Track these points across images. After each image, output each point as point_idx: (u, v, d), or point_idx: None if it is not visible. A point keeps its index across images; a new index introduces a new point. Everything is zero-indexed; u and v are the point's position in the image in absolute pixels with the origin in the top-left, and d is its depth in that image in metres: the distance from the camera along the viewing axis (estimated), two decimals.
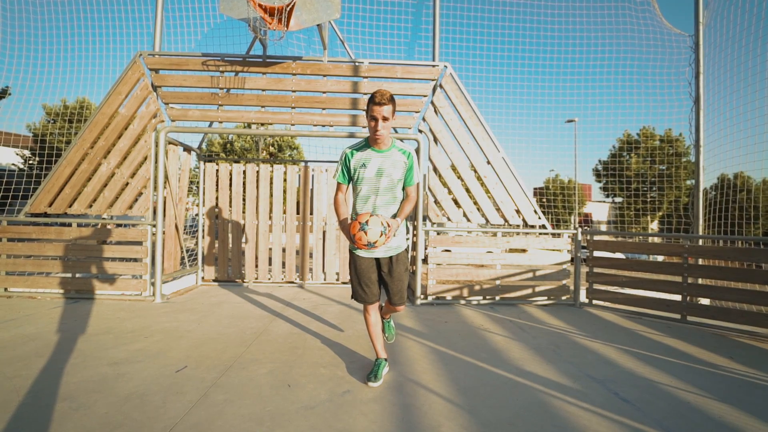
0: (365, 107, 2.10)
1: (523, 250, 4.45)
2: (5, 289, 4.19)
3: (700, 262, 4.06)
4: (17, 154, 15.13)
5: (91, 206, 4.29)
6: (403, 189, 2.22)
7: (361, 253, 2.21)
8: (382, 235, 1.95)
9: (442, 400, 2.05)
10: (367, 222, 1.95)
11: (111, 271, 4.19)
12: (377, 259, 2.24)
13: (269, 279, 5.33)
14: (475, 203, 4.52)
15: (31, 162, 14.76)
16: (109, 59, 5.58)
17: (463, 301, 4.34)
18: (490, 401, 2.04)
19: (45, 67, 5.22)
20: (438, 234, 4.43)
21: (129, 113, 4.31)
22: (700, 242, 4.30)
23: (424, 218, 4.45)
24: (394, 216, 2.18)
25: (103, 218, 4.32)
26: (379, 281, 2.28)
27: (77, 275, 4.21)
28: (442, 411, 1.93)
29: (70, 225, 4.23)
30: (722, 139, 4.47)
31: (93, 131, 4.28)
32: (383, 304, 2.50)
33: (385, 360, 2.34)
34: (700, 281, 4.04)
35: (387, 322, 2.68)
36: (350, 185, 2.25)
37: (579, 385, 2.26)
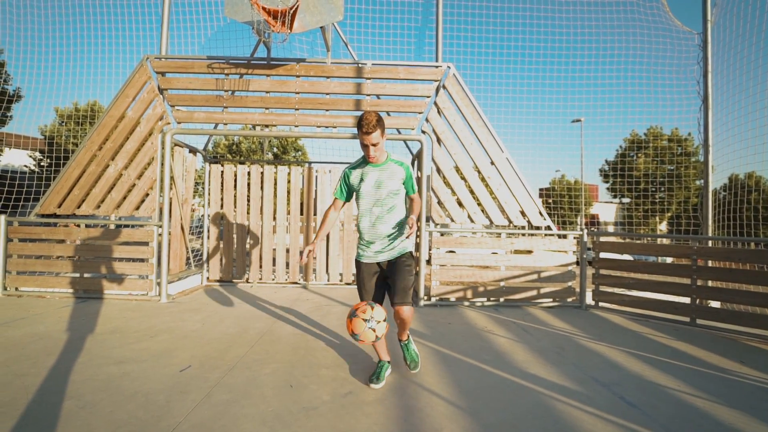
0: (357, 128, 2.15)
1: (528, 252, 4.41)
2: (16, 289, 4.27)
3: (710, 264, 3.99)
4: (29, 156, 15.43)
5: (98, 207, 4.36)
6: (407, 198, 2.32)
7: (365, 259, 2.28)
8: (380, 323, 1.99)
9: (445, 402, 2.03)
10: (372, 317, 1.97)
11: (118, 271, 4.25)
12: (380, 265, 2.28)
13: (273, 279, 5.35)
14: (479, 204, 4.50)
15: (42, 164, 15.04)
16: (119, 62, 5.68)
17: (466, 303, 4.31)
18: (493, 404, 2.02)
19: (56, 69, 5.33)
20: (442, 235, 4.41)
21: (136, 116, 4.37)
22: (710, 243, 4.22)
23: (428, 219, 4.44)
24: (402, 222, 2.26)
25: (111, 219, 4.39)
26: (384, 287, 2.31)
27: (85, 275, 4.27)
28: (444, 413, 1.92)
29: (78, 226, 4.30)
30: (731, 138, 4.40)
31: (101, 134, 4.35)
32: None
33: (388, 362, 2.34)
34: (709, 283, 3.97)
35: (405, 345, 2.38)
36: (346, 203, 2.36)
37: (584, 388, 2.23)
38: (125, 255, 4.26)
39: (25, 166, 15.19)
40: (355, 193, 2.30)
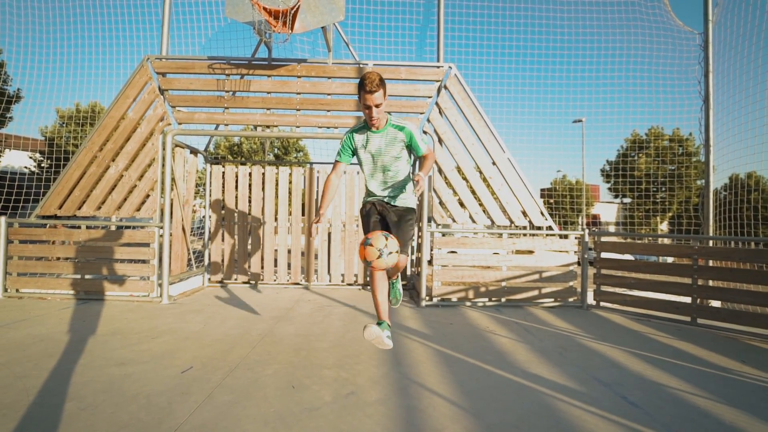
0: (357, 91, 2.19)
1: (530, 252, 4.41)
2: (17, 290, 4.27)
3: (711, 263, 3.98)
4: (30, 158, 15.44)
5: (99, 208, 4.35)
6: (418, 158, 2.38)
7: (371, 199, 2.41)
8: (392, 254, 2.11)
9: (447, 402, 2.03)
10: (386, 246, 2.08)
11: (119, 272, 4.24)
12: (385, 205, 2.38)
13: (275, 280, 5.35)
14: (481, 204, 4.49)
15: (43, 165, 15.04)
16: (119, 63, 5.69)
17: (468, 303, 4.31)
18: (495, 404, 2.02)
19: (56, 70, 5.34)
20: (443, 235, 4.41)
21: (137, 116, 4.37)
22: (711, 243, 4.22)
23: (429, 220, 4.44)
24: (407, 181, 2.36)
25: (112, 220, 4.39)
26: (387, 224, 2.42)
27: (86, 276, 4.27)
28: (446, 413, 1.91)
29: (79, 227, 4.30)
30: (732, 138, 4.40)
31: (101, 134, 4.35)
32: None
33: (388, 324, 2.33)
34: (710, 283, 3.97)
35: (393, 284, 2.68)
36: (347, 165, 2.45)
37: (586, 388, 2.23)
38: (126, 256, 4.25)
39: (26, 167, 15.20)
40: (357, 158, 2.37)
